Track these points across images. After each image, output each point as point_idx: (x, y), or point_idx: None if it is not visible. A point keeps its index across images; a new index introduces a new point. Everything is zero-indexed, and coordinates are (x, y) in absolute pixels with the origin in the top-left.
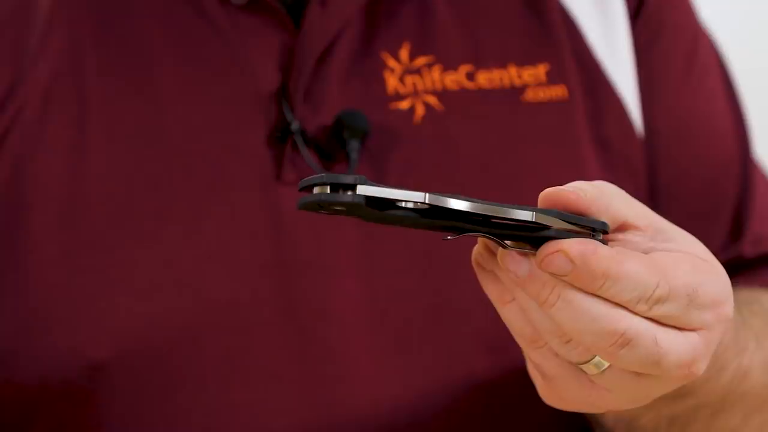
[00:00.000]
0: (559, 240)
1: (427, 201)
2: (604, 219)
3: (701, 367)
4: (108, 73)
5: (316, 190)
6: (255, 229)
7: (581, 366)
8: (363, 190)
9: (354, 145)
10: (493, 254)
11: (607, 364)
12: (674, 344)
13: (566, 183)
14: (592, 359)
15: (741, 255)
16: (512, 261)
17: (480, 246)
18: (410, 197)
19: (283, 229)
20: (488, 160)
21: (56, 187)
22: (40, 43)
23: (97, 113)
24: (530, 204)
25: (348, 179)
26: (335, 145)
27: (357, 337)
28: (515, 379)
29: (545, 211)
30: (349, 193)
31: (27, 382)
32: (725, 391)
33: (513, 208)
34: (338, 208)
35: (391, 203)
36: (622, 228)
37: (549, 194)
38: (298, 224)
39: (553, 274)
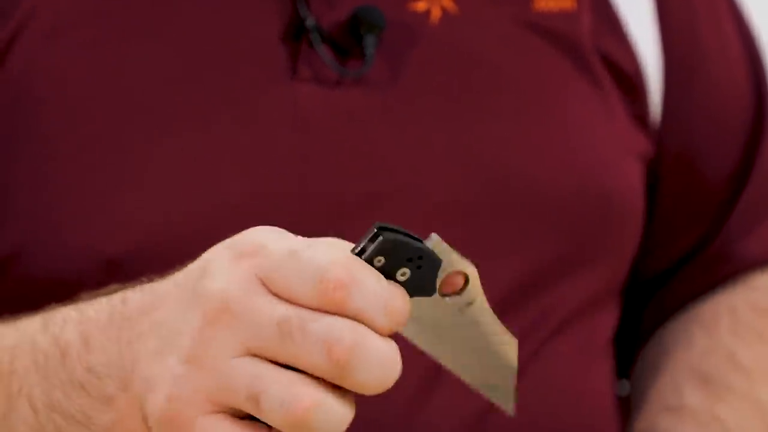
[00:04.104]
0: None
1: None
2: None
3: None
4: None
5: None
6: (271, 124)
7: None
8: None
9: (370, 40)
10: None
11: None
12: None
13: (578, 92)
14: None
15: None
16: None
17: None
18: None
19: (300, 124)
20: (501, 67)
21: (69, 82)
22: None
23: (109, 10)
24: None
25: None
26: (351, 41)
27: None
28: None
29: None
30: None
31: (41, 279)
32: None
33: None
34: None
35: None
36: None
37: None
38: (315, 119)
39: None
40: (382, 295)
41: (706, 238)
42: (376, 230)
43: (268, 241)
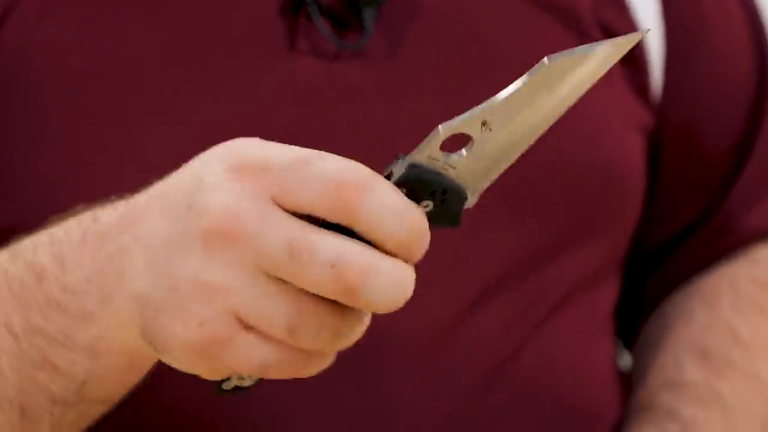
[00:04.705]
0: None
1: None
2: None
3: None
4: None
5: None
6: (269, 97)
7: None
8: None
9: (369, 13)
10: None
11: None
12: None
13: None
14: None
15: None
16: None
17: None
18: None
19: (298, 96)
20: (500, 40)
21: (66, 58)
22: None
23: None
24: None
25: None
26: (350, 14)
27: None
28: None
29: None
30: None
31: None
32: None
33: None
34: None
35: None
36: None
37: None
38: (313, 92)
39: None
40: (400, 207)
41: (709, 211)
42: (399, 160)
43: (269, 153)
